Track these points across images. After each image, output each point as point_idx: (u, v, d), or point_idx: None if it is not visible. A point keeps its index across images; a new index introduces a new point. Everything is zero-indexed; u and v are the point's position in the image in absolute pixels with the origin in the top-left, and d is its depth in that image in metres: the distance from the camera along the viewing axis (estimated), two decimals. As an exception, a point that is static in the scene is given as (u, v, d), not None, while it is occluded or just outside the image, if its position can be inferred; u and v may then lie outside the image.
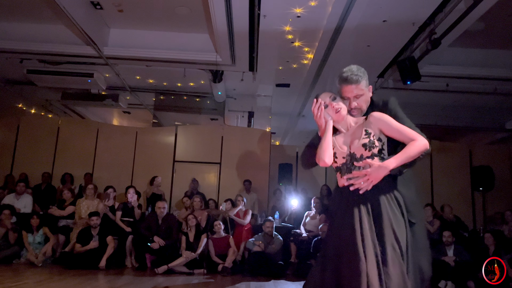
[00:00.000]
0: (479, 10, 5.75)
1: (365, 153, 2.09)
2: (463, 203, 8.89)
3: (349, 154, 2.14)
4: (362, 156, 2.10)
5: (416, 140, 2.09)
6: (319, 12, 6.17)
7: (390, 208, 2.03)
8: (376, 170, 2.02)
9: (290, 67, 8.39)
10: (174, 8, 7.05)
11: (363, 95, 2.27)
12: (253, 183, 8.70)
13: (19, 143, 9.06)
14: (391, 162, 2.04)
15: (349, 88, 2.23)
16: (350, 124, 2.23)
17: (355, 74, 2.23)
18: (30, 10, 7.25)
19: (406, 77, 7.02)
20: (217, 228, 6.53)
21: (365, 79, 2.27)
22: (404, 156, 2.05)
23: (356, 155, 2.12)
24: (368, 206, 2.05)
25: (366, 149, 2.09)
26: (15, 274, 5.28)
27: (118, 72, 8.98)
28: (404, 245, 1.98)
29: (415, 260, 2.02)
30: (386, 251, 1.94)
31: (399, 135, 2.13)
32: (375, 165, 2.03)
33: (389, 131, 2.14)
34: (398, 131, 2.12)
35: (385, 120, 2.14)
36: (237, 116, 11.72)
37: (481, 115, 10.59)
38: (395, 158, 2.05)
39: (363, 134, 2.13)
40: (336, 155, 2.17)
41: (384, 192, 2.07)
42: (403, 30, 6.62)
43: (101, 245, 6.09)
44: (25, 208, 7.16)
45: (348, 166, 2.13)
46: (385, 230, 1.98)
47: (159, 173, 8.50)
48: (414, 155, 2.07)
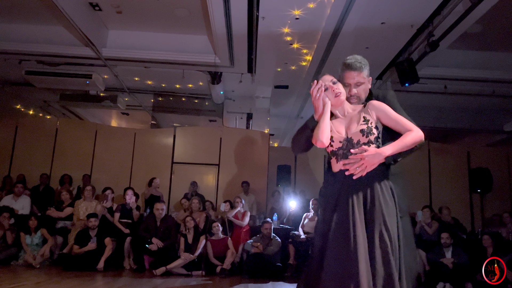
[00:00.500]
0: (477, 13, 5.78)
1: (362, 139, 2.10)
2: (461, 205, 8.90)
3: (346, 139, 2.13)
4: (359, 141, 2.10)
5: (413, 131, 2.11)
6: (318, 14, 6.18)
7: (383, 196, 2.05)
8: (372, 156, 2.03)
9: (289, 68, 8.40)
10: (173, 10, 7.05)
11: (364, 83, 2.31)
12: (252, 185, 8.70)
13: (17, 144, 9.05)
14: (387, 149, 2.06)
15: (352, 74, 2.27)
16: (347, 110, 2.23)
17: (358, 62, 2.27)
18: (29, 11, 7.25)
19: (404, 79, 7.04)
20: (215, 229, 6.53)
21: (367, 69, 2.31)
22: (401, 145, 2.07)
23: (353, 140, 2.12)
24: (361, 192, 2.06)
25: (364, 135, 2.10)
26: (13, 275, 5.26)
27: (117, 74, 8.98)
28: (395, 234, 1.99)
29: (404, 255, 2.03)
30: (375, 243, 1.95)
31: (395, 125, 2.15)
32: (371, 151, 2.04)
33: (386, 120, 2.16)
34: (395, 120, 2.15)
35: (383, 108, 2.17)
36: (236, 118, 11.72)
37: (479, 117, 10.62)
38: (392, 145, 2.07)
39: (361, 120, 2.14)
40: (333, 139, 2.15)
41: (378, 180, 2.08)
42: (402, 32, 6.64)
43: (99, 247, 6.07)
44: (23, 210, 7.14)
45: (344, 152, 2.13)
46: (376, 218, 1.99)
47: (157, 174, 8.49)
48: (410, 144, 2.09)
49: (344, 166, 2.10)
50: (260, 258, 6.20)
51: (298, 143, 2.46)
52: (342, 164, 2.11)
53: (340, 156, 2.14)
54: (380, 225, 1.98)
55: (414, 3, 5.77)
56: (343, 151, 2.13)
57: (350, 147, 2.11)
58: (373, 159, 2.03)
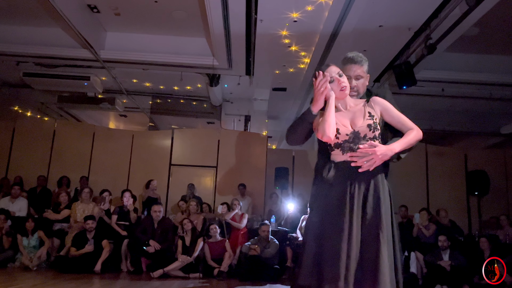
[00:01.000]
0: (474, 16, 5.80)
1: (369, 133, 2.11)
2: (458, 208, 8.91)
3: (353, 132, 2.12)
4: (366, 136, 2.11)
5: (414, 129, 2.15)
6: (316, 16, 6.20)
7: (382, 192, 2.07)
8: (384, 152, 2.05)
9: (287, 71, 8.41)
10: (171, 12, 7.06)
11: (363, 78, 2.36)
12: (249, 187, 8.70)
13: (15, 146, 9.02)
14: (396, 146, 2.09)
15: (353, 67, 2.33)
16: (349, 104, 2.22)
17: (359, 56, 2.35)
18: (27, 13, 7.24)
19: (402, 82, 7.06)
20: (213, 232, 6.52)
21: (366, 65, 2.37)
22: (407, 143, 2.11)
23: (360, 134, 2.11)
24: (363, 184, 2.07)
25: (370, 130, 2.11)
26: (10, 278, 5.24)
27: (115, 76, 8.98)
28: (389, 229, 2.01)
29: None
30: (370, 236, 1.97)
31: (396, 123, 2.19)
32: (382, 147, 2.06)
33: (388, 117, 2.19)
34: (397, 118, 2.19)
35: (386, 105, 2.20)
36: (234, 120, 11.74)
37: (476, 120, 10.66)
38: (399, 143, 2.10)
39: (367, 115, 2.15)
40: (339, 131, 2.13)
41: (380, 175, 2.10)
42: (399, 35, 6.66)
43: (97, 249, 6.05)
44: (20, 212, 7.12)
45: (350, 145, 2.11)
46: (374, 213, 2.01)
47: (155, 176, 8.48)
48: (413, 142, 2.14)
49: (351, 158, 2.09)
50: (257, 261, 6.20)
51: (295, 135, 2.40)
52: (349, 156, 2.10)
53: (347, 149, 2.12)
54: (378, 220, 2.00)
55: (411, 6, 5.80)
56: (349, 144, 2.11)
57: (356, 141, 2.10)
58: (384, 155, 2.05)
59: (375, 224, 2.00)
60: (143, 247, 6.20)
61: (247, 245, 6.49)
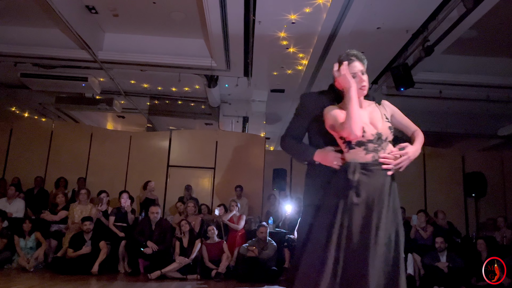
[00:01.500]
0: (472, 18, 5.83)
1: (390, 136, 2.11)
2: (456, 209, 8.93)
3: (377, 133, 2.07)
4: (387, 138, 2.10)
5: (419, 130, 2.22)
6: (314, 18, 6.21)
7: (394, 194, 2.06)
8: (414, 153, 2.08)
9: (285, 72, 8.42)
10: (169, 13, 7.06)
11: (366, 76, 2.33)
12: (247, 188, 8.69)
13: (12, 147, 8.99)
14: (419, 147, 2.13)
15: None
16: (363, 104, 2.18)
17: (361, 54, 2.26)
18: (25, 13, 7.23)
19: (399, 84, 7.08)
20: (210, 233, 6.51)
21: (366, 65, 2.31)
22: (421, 144, 2.17)
23: (383, 135, 2.08)
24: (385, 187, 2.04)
25: (391, 132, 2.13)
26: (7, 279, 5.23)
27: (113, 77, 8.97)
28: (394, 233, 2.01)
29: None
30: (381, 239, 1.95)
31: (402, 125, 2.26)
32: (412, 148, 2.09)
33: (397, 119, 2.24)
34: (405, 121, 2.26)
35: (395, 110, 2.26)
36: (232, 121, 11.72)
37: (474, 121, 10.68)
38: (419, 144, 2.16)
39: (384, 117, 2.14)
40: (365, 129, 2.05)
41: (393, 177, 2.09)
42: (397, 37, 6.68)
43: (94, 250, 6.04)
44: (17, 213, 7.10)
45: (375, 146, 2.05)
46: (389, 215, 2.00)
47: (153, 177, 8.46)
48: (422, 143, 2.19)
49: (382, 160, 2.04)
50: (255, 262, 6.19)
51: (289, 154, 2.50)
52: (380, 158, 2.04)
53: (371, 150, 2.05)
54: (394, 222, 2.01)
55: (409, 8, 5.81)
56: (374, 145, 2.05)
57: (380, 142, 2.06)
58: (414, 157, 2.08)
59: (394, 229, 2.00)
60: (140, 248, 6.19)
61: (245, 246, 6.48)
